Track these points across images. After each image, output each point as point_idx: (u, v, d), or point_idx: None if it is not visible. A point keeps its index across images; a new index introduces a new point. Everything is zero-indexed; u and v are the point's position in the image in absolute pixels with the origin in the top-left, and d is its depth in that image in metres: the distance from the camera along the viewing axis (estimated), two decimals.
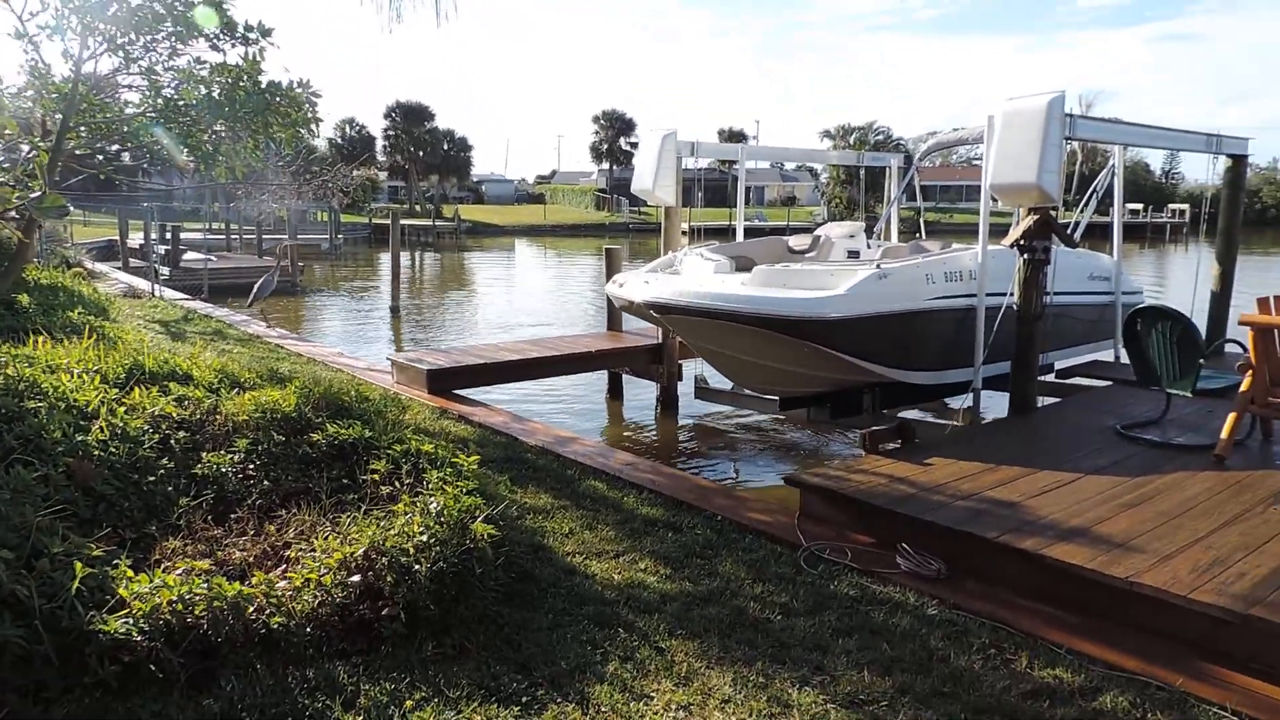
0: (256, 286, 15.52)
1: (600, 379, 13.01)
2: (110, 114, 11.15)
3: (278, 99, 10.91)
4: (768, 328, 7.81)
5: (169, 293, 19.54)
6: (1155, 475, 5.87)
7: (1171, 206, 69.29)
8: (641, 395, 12.61)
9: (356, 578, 3.99)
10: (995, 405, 10.44)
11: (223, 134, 10.92)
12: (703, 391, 11.17)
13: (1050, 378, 10.05)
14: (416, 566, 4.07)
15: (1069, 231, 8.72)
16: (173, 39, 10.45)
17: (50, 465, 4.70)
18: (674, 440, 11.29)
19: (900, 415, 10.22)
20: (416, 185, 76.29)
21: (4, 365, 5.86)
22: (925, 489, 5.63)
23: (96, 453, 5.04)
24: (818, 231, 11.56)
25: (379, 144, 74.66)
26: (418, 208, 73.05)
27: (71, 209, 11.62)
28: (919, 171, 12.88)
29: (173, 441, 5.49)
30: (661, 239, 11.24)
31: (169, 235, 24.90)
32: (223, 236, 34.77)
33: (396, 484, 5.09)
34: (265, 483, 5.23)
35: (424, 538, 4.21)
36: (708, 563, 5.22)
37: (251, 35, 10.61)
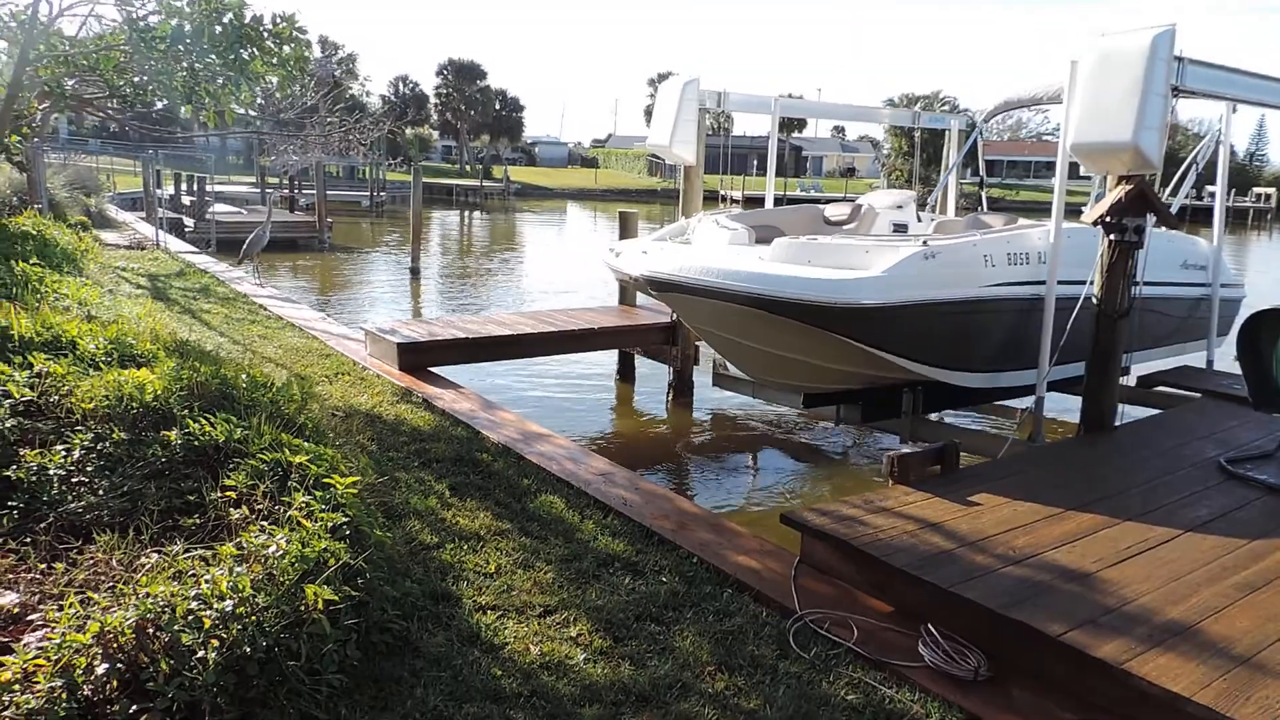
0: (247, 242, 14.44)
1: (614, 356, 11.68)
2: (72, 44, 9.98)
3: (261, 32, 9.67)
4: (783, 313, 6.38)
5: (177, 245, 18.63)
6: None
7: (1256, 190, 65.28)
8: (658, 377, 11.26)
9: (103, 667, 2.74)
10: (1060, 407, 8.92)
11: (199, 71, 9.72)
12: (721, 379, 9.71)
13: (1128, 381, 8.43)
14: (201, 652, 2.81)
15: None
16: None
17: None
18: (684, 433, 9.93)
19: (944, 420, 8.72)
20: (467, 145, 75.25)
21: None
22: (966, 542, 4.21)
23: None
24: (860, 200, 9.99)
25: (431, 102, 73.65)
26: (468, 168, 72.08)
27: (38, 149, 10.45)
28: (983, 139, 11.18)
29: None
30: (680, 204, 9.80)
31: (195, 187, 24.01)
32: (263, 190, 33.98)
33: (250, 507, 3.83)
34: (92, 495, 4.02)
35: (229, 604, 2.95)
36: (664, 631, 3.90)
37: None
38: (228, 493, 3.94)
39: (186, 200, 25.77)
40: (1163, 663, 3.18)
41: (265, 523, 3.66)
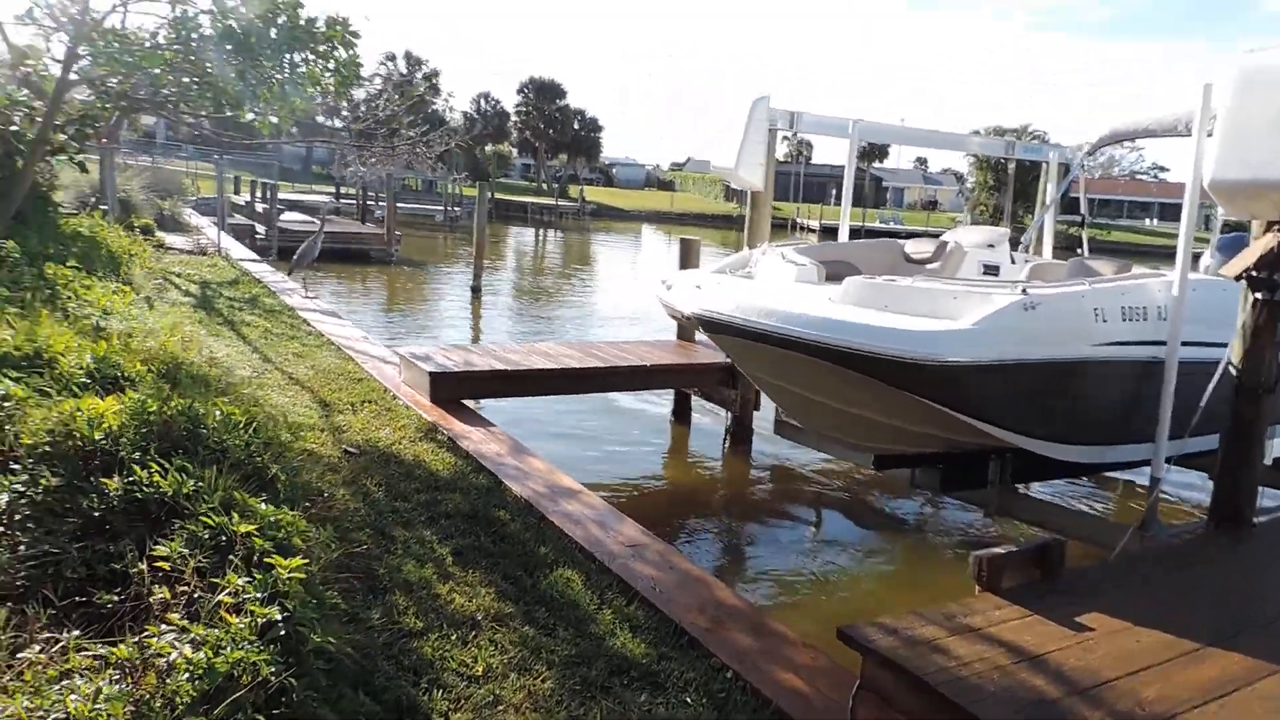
0: (297, 254, 14.06)
1: (669, 394, 10.84)
2: (120, 40, 9.64)
3: (315, 35, 9.18)
4: (852, 367, 5.48)
5: (240, 252, 18.48)
6: None
7: None
8: (716, 421, 10.39)
9: None
10: (1177, 480, 7.80)
11: (248, 75, 9.28)
12: (783, 427, 8.75)
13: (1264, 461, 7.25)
14: None
15: None
16: None
17: None
18: (737, 487, 9.04)
19: (1036, 494, 7.64)
20: (545, 163, 75.60)
21: None
22: (1077, 688, 3.26)
23: None
24: (946, 236, 9.01)
25: (511, 120, 74.30)
26: (545, 186, 72.38)
27: (73, 149, 10.21)
28: (1084, 173, 10.08)
29: None
30: (746, 233, 8.97)
31: (268, 194, 24.08)
32: (348, 201, 34.19)
33: (177, 587, 3.12)
34: (7, 551, 3.35)
35: None
36: None
37: None
38: (159, 563, 3.24)
39: (260, 207, 25.87)
40: None
41: (186, 611, 2.94)
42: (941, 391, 5.48)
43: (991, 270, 8.50)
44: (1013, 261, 8.73)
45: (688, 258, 9.84)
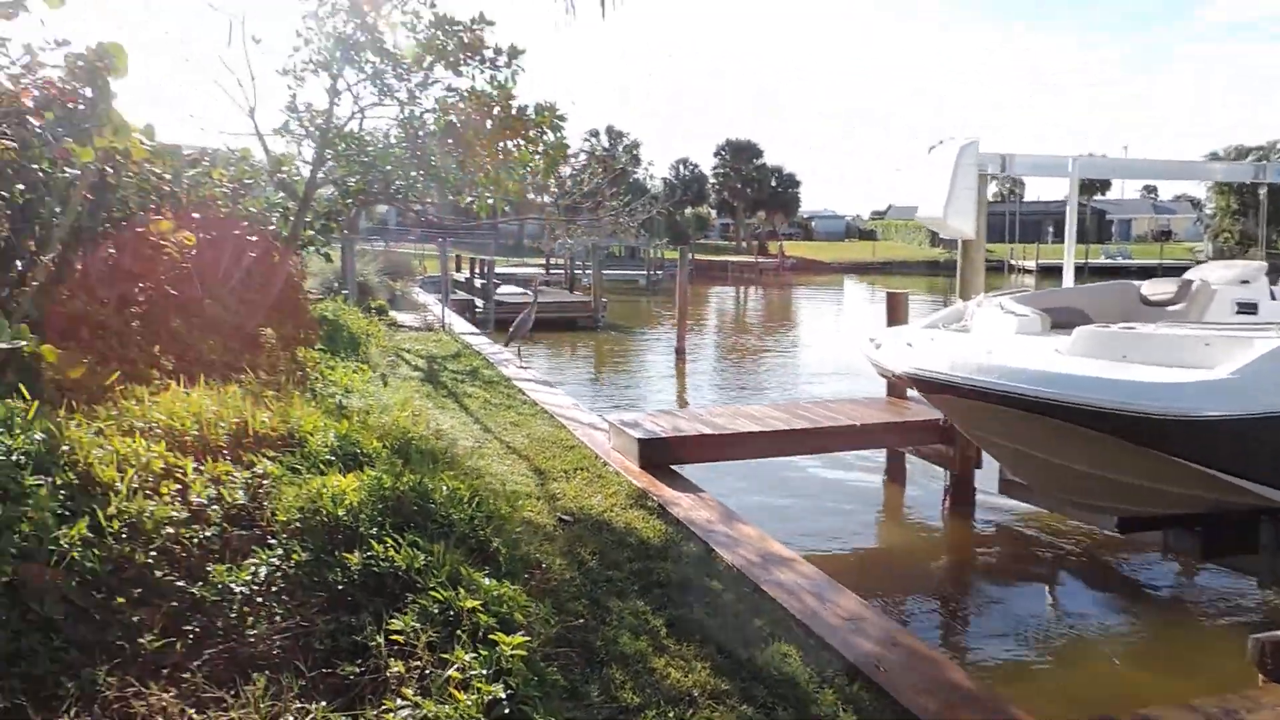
0: (513, 326, 14.83)
1: (881, 453, 10.44)
2: (356, 143, 10.68)
3: (526, 122, 9.81)
4: (1091, 425, 5.03)
5: (462, 326, 19.74)
6: None
7: None
8: (933, 480, 9.87)
9: None
10: None
11: (467, 164, 10.03)
12: (1010, 486, 8.17)
13: None
14: None
15: None
16: (428, 70, 9.76)
17: None
18: (961, 552, 8.49)
19: None
20: (743, 222, 76.32)
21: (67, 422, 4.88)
22: None
23: (74, 554, 3.75)
24: (1190, 274, 8.18)
25: (709, 182, 75.78)
26: (743, 244, 72.99)
27: (323, 242, 11.33)
28: None
29: (192, 542, 4.13)
30: (957, 282, 8.56)
31: (484, 269, 25.70)
32: (556, 271, 35.94)
33: (411, 661, 3.26)
34: (267, 624, 3.65)
35: None
36: None
37: (500, 59, 9.68)
38: (394, 636, 3.41)
39: (478, 282, 27.64)
40: None
41: (419, 685, 3.06)
42: (1198, 449, 4.92)
43: (1248, 309, 7.62)
44: (1273, 298, 7.79)
45: (896, 313, 9.51)
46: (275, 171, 10.60)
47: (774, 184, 74.23)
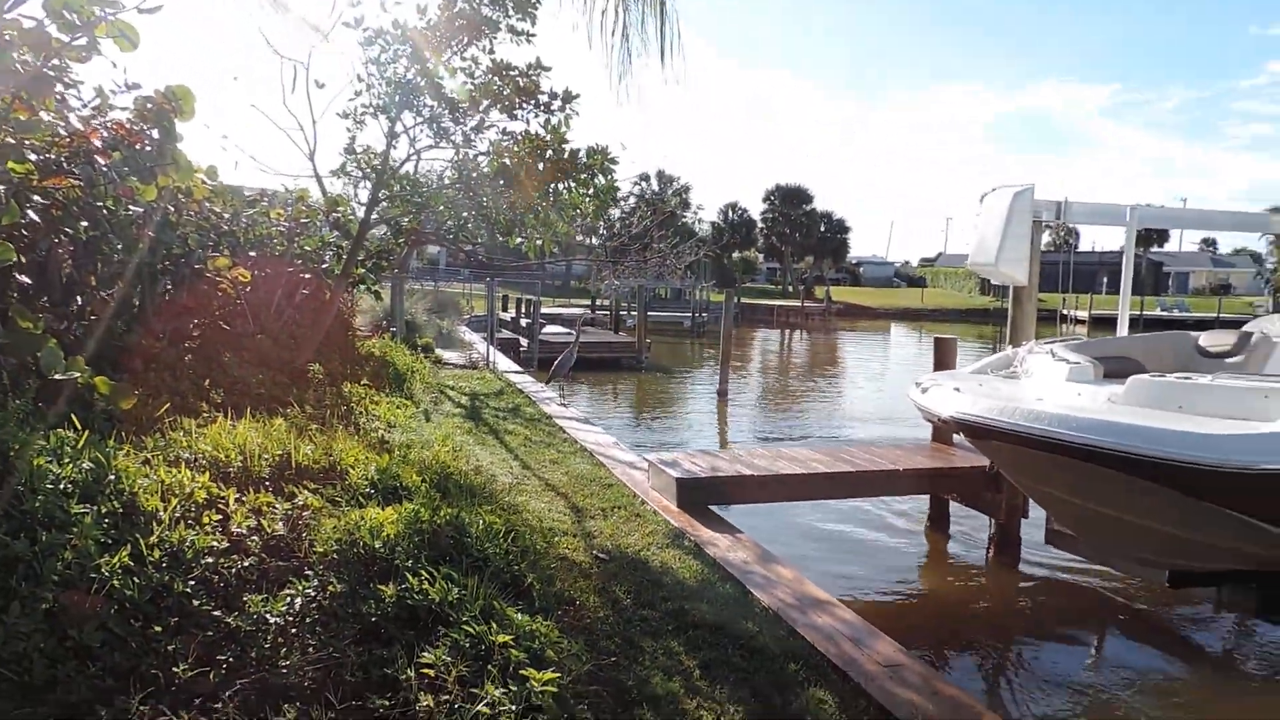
0: (555, 364, 14.91)
1: (923, 498, 10.24)
2: (411, 185, 10.91)
3: (577, 165, 9.95)
4: (1144, 476, 4.89)
5: (505, 364, 19.90)
6: None
7: None
8: (977, 527, 9.65)
9: None
10: None
11: (518, 206, 10.18)
12: (1057, 537, 7.98)
13: None
14: None
15: None
16: (484, 113, 9.96)
17: (30, 600, 3.52)
18: (1005, 603, 8.24)
19: None
20: (791, 266, 76.27)
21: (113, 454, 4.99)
22: None
23: (114, 582, 3.81)
24: (1250, 326, 7.97)
25: (758, 227, 76.02)
26: (791, 289, 72.87)
27: (372, 279, 11.52)
28: None
29: (231, 572, 4.17)
30: (1008, 329, 8.43)
31: (530, 309, 25.96)
32: (602, 310, 36.14)
33: (444, 693, 3.24)
34: (300, 655, 3.66)
35: None
36: None
37: (555, 103, 9.86)
38: (425, 669, 3.40)
39: (524, 322, 27.92)
40: None
41: (446, 719, 3.04)
42: (1257, 503, 4.75)
43: None
44: None
45: (943, 357, 9.39)
46: (330, 211, 10.86)
47: (823, 229, 74.23)
